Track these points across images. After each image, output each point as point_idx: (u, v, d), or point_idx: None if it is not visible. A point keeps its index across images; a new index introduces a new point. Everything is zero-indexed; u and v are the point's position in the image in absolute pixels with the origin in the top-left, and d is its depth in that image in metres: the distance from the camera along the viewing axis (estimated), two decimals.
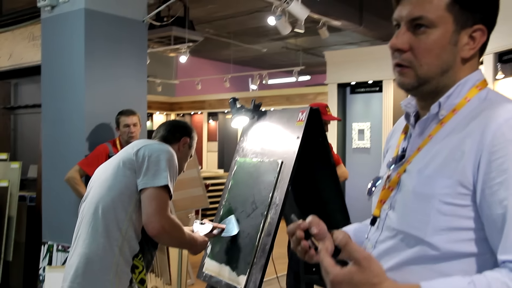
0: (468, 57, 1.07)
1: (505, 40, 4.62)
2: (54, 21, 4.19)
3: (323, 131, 2.55)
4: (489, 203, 0.96)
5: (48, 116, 4.27)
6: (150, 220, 1.99)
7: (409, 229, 1.04)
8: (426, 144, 1.08)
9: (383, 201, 1.13)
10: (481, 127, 0.99)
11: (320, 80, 11.32)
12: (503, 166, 0.94)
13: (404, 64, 1.07)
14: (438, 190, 1.00)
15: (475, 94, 1.07)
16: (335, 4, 6.46)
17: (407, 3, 1.07)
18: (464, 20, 1.05)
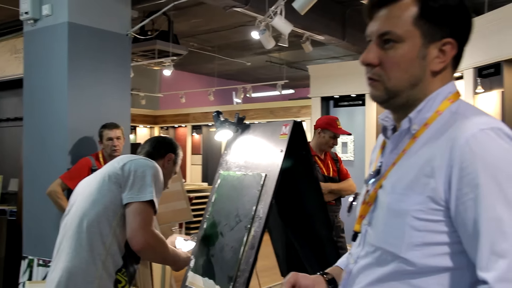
0: (438, 70, 1.09)
1: (484, 55, 4.72)
2: (37, 34, 4.17)
3: (306, 145, 2.57)
4: (463, 219, 0.96)
5: (30, 129, 4.23)
6: (134, 234, 1.98)
7: (386, 245, 1.05)
8: (400, 159, 1.09)
9: (362, 216, 1.15)
10: (449, 142, 0.99)
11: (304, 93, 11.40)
12: (475, 181, 0.94)
13: (374, 77, 1.10)
14: (410, 206, 1.01)
15: (446, 107, 1.08)
16: (318, 19, 6.53)
17: (377, 19, 1.10)
18: (432, 34, 1.06)
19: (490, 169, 0.94)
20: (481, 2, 6.44)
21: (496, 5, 5.23)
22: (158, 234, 2.05)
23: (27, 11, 4.11)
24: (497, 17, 4.63)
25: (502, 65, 4.51)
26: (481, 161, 0.95)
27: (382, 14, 1.09)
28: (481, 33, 4.80)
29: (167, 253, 2.14)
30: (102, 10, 4.21)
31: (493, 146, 0.96)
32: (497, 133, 0.97)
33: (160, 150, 2.37)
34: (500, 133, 0.98)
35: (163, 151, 2.37)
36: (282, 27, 4.53)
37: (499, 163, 0.95)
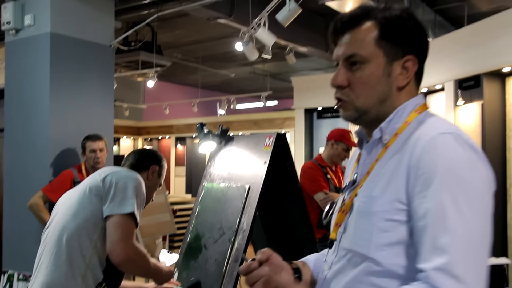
0: (403, 85, 1.16)
1: (465, 68, 4.79)
2: (19, 44, 4.14)
3: (290, 156, 2.58)
4: (415, 215, 1.02)
5: (11, 141, 4.18)
6: (114, 248, 1.94)
7: (355, 247, 1.10)
8: (373, 167, 1.15)
9: (338, 224, 1.19)
10: (411, 145, 1.07)
11: (288, 105, 11.45)
12: (427, 181, 1.01)
13: (343, 98, 1.16)
14: (378, 208, 1.07)
15: (414, 117, 1.14)
16: (302, 31, 6.59)
17: (342, 44, 1.17)
18: (393, 53, 1.14)
19: (443, 170, 1.00)
20: (461, 16, 6.57)
21: (475, 19, 5.33)
22: (139, 247, 2.03)
23: (9, 21, 4.08)
24: (477, 31, 4.71)
25: (482, 78, 4.59)
26: (436, 162, 1.01)
27: (346, 38, 1.16)
28: (461, 46, 4.88)
29: (148, 266, 2.10)
30: (85, 20, 4.19)
31: (449, 149, 1.02)
32: (455, 138, 1.04)
33: (144, 162, 2.34)
34: (458, 138, 1.04)
35: (147, 163, 2.34)
36: (266, 38, 4.55)
37: (452, 165, 1.01)
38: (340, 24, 1.17)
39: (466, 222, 0.98)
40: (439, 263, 0.96)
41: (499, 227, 4.45)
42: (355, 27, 1.15)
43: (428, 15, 6.35)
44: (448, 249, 0.96)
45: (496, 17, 4.51)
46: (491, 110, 4.56)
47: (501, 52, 4.35)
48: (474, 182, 1.02)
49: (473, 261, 0.97)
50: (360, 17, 1.15)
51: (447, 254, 0.96)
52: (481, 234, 1.00)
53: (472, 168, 1.03)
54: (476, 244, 0.99)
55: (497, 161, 4.52)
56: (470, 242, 0.98)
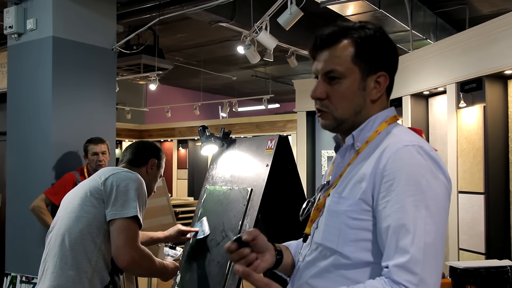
0: (376, 98, 1.28)
1: (466, 71, 4.79)
2: (21, 48, 4.15)
3: (292, 159, 2.58)
4: (379, 218, 1.15)
5: (13, 144, 4.19)
6: (120, 252, 1.94)
7: (326, 242, 1.24)
8: (345, 171, 1.27)
9: (313, 221, 1.33)
10: (378, 154, 1.19)
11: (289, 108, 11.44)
12: (391, 187, 1.13)
13: (323, 109, 1.28)
14: (346, 207, 1.20)
15: (384, 128, 1.27)
16: (303, 33, 6.60)
17: (321, 59, 1.27)
18: (368, 69, 1.25)
19: (405, 178, 1.13)
20: (463, 19, 6.57)
21: (477, 22, 5.33)
22: (144, 249, 2.03)
23: (11, 25, 4.10)
24: (478, 33, 4.71)
25: (484, 80, 4.58)
26: (399, 171, 1.14)
27: (325, 55, 1.26)
28: (463, 49, 4.88)
29: (155, 267, 2.10)
30: (87, 24, 4.21)
31: (412, 160, 1.15)
32: (417, 150, 1.16)
33: (141, 156, 2.30)
34: (420, 150, 1.16)
35: (145, 157, 2.30)
36: (267, 42, 4.56)
37: (414, 173, 1.13)
38: (320, 41, 1.27)
39: (425, 225, 1.10)
40: (400, 261, 1.08)
41: (501, 229, 4.44)
42: (333, 44, 1.25)
43: (429, 18, 6.35)
44: (409, 249, 1.08)
45: (498, 20, 4.51)
46: (493, 113, 4.55)
47: (503, 55, 4.35)
48: (433, 189, 1.13)
49: (430, 260, 1.09)
50: (338, 35, 1.25)
51: (408, 254, 1.07)
52: (438, 236, 1.12)
53: (432, 176, 1.14)
54: (433, 245, 1.10)
55: (499, 163, 4.51)
56: (428, 243, 1.09)
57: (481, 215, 4.43)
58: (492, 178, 4.48)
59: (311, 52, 1.30)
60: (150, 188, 2.29)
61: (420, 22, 6.03)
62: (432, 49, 5.37)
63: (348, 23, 1.29)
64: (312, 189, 7.82)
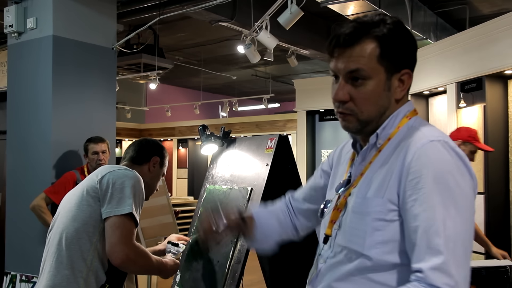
0: (400, 98, 1.24)
1: (467, 70, 4.80)
2: (21, 47, 4.15)
3: (292, 159, 2.58)
4: (407, 217, 1.11)
5: (13, 143, 4.19)
6: (114, 249, 1.93)
7: (351, 244, 1.19)
8: (367, 169, 1.23)
9: (333, 221, 1.27)
10: (403, 151, 1.15)
11: (290, 107, 11.45)
12: (418, 185, 1.09)
13: (346, 112, 1.23)
14: (372, 208, 1.16)
15: (405, 123, 1.23)
16: (304, 33, 6.60)
17: (343, 58, 1.21)
18: (392, 68, 1.20)
19: (432, 175, 1.09)
20: (463, 19, 6.57)
21: (477, 21, 5.33)
22: (139, 247, 2.01)
23: (12, 24, 4.10)
24: (479, 33, 4.71)
25: (484, 80, 4.58)
26: (426, 168, 1.10)
27: (347, 54, 1.20)
28: (463, 48, 4.88)
29: (151, 264, 2.08)
30: (87, 23, 4.21)
31: (438, 156, 1.11)
32: (443, 145, 1.13)
33: (144, 154, 2.27)
34: (446, 145, 1.13)
35: (147, 155, 2.27)
36: (267, 41, 4.56)
37: (440, 171, 1.09)
38: (343, 40, 1.20)
39: (455, 225, 1.07)
40: (435, 263, 1.04)
41: (501, 228, 4.44)
42: (355, 43, 1.19)
43: (430, 17, 6.35)
44: (442, 250, 1.04)
45: (498, 20, 4.51)
46: (493, 113, 4.56)
47: (503, 55, 4.35)
48: (460, 186, 1.10)
49: (462, 260, 1.06)
50: (360, 33, 1.19)
51: (441, 255, 1.04)
52: (468, 234, 1.09)
53: (458, 173, 1.11)
54: (464, 244, 1.07)
55: (499, 163, 4.52)
56: (459, 243, 1.06)
57: (480, 215, 4.43)
58: (492, 178, 4.48)
59: (330, 50, 1.24)
60: (153, 186, 2.28)
61: (420, 22, 6.03)
62: (432, 49, 5.38)
63: (366, 17, 1.22)
64: None
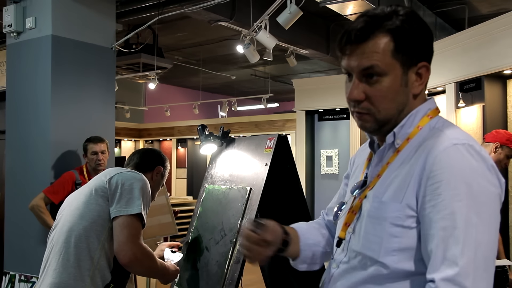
0: (418, 92, 1.17)
1: (466, 70, 4.80)
2: (20, 47, 4.15)
3: (291, 158, 2.58)
4: (424, 224, 1.04)
5: (12, 143, 4.18)
6: (122, 248, 1.95)
7: (366, 250, 1.13)
8: (384, 171, 1.16)
9: (348, 224, 1.22)
10: (424, 154, 1.08)
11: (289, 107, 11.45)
12: (438, 190, 1.03)
13: (362, 111, 1.15)
14: (389, 213, 1.09)
15: (426, 122, 1.15)
16: (303, 33, 6.60)
17: (355, 55, 1.13)
18: (408, 62, 1.13)
19: (454, 181, 1.02)
20: (462, 18, 6.57)
21: (476, 21, 5.34)
22: (146, 247, 2.04)
23: (10, 23, 4.09)
24: (478, 33, 4.71)
25: (483, 80, 4.59)
26: (447, 173, 1.03)
27: (360, 50, 1.12)
28: (462, 48, 4.88)
29: (156, 266, 2.11)
30: (86, 23, 4.20)
31: (461, 161, 1.04)
32: (467, 149, 1.05)
33: (149, 162, 2.35)
34: (470, 149, 1.05)
35: (152, 164, 2.35)
36: (267, 41, 4.56)
37: (463, 177, 1.02)
38: (354, 36, 1.12)
39: (476, 234, 0.99)
40: (448, 274, 0.98)
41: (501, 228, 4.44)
42: (368, 38, 1.12)
43: (429, 17, 6.35)
44: (458, 260, 0.98)
45: (497, 20, 4.52)
46: (492, 113, 4.56)
47: (502, 55, 4.35)
48: (485, 193, 1.02)
49: (481, 272, 0.99)
50: (372, 28, 1.12)
51: (456, 266, 0.98)
52: (489, 245, 1.01)
53: (483, 179, 1.03)
54: (484, 256, 1.00)
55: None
56: (479, 254, 0.99)
57: None
58: None
59: (341, 47, 1.15)
60: (153, 195, 2.31)
61: None
62: None
63: (377, 9, 1.15)
64: (311, 188, 7.83)
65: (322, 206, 7.73)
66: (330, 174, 7.65)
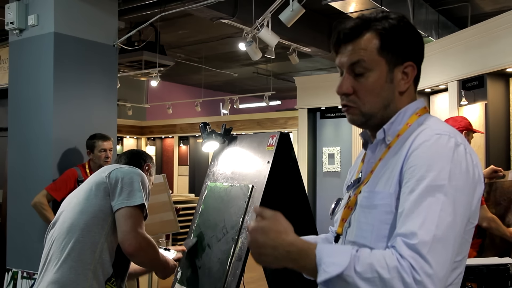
0: (404, 90, 1.24)
1: (468, 68, 4.79)
2: (23, 44, 4.15)
3: (293, 156, 2.58)
4: (400, 201, 1.11)
5: (15, 140, 4.19)
6: (127, 237, 1.98)
7: (359, 239, 1.18)
8: (376, 166, 1.23)
9: (344, 220, 1.28)
10: (408, 145, 1.15)
11: (291, 105, 11.45)
12: (414, 172, 1.09)
13: (350, 104, 1.24)
14: (379, 201, 1.16)
15: (415, 120, 1.23)
16: (305, 31, 6.59)
17: (345, 53, 1.24)
18: (394, 60, 1.22)
19: (428, 163, 1.08)
20: (465, 16, 6.56)
21: (479, 19, 5.32)
22: (149, 237, 2.06)
23: (13, 21, 4.10)
24: (480, 31, 4.70)
25: (486, 78, 4.58)
26: (425, 157, 1.10)
27: (349, 48, 1.23)
28: (464, 46, 4.88)
29: (158, 257, 2.15)
30: (88, 20, 4.20)
31: (440, 148, 1.10)
32: (448, 139, 1.12)
33: (138, 161, 2.41)
34: (451, 139, 1.12)
35: (141, 162, 2.41)
36: (269, 39, 4.56)
37: (438, 160, 1.08)
38: (343, 35, 1.24)
39: (440, 212, 1.04)
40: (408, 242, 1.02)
41: None
42: (357, 37, 1.22)
43: (431, 15, 6.34)
44: (418, 231, 1.02)
45: (500, 18, 4.51)
46: (495, 110, 4.55)
47: (505, 53, 4.34)
48: (458, 179, 1.08)
49: (440, 248, 1.02)
50: (361, 28, 1.22)
51: (416, 235, 1.02)
52: (453, 226, 1.05)
53: (459, 167, 1.09)
54: (445, 234, 1.04)
55: (501, 161, 4.51)
56: (439, 230, 1.03)
57: None
58: None
59: (334, 47, 1.27)
60: None
61: (422, 19, 6.02)
62: (434, 47, 5.37)
63: (370, 14, 1.25)
64: (313, 186, 7.83)
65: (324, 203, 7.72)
66: (332, 172, 7.65)
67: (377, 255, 1.04)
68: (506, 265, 2.54)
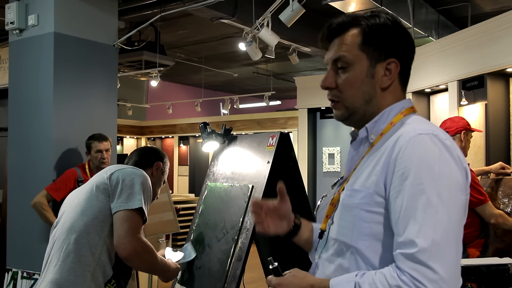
0: (386, 86, 1.25)
1: (468, 68, 4.79)
2: (23, 44, 4.15)
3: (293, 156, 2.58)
4: (391, 209, 1.12)
5: (15, 140, 4.19)
6: (122, 241, 1.96)
7: (340, 236, 1.21)
8: (359, 164, 1.25)
9: (328, 216, 1.31)
10: (391, 144, 1.16)
11: (291, 105, 11.45)
12: (403, 176, 1.10)
13: (334, 99, 1.27)
14: (359, 200, 1.17)
15: (399, 119, 1.23)
16: (305, 31, 6.58)
17: (331, 49, 1.28)
18: (376, 56, 1.23)
19: (416, 166, 1.09)
20: (465, 16, 6.55)
21: (479, 19, 5.32)
22: (146, 242, 2.04)
23: (13, 21, 4.10)
24: (480, 31, 4.70)
25: (486, 78, 4.57)
26: (411, 159, 1.10)
27: (334, 44, 1.27)
28: (465, 46, 4.87)
29: (156, 262, 2.11)
30: (88, 20, 4.20)
31: (424, 148, 1.11)
32: (431, 138, 1.12)
33: (148, 159, 2.37)
34: (435, 138, 1.12)
35: (151, 160, 2.38)
36: (269, 39, 4.56)
37: (425, 162, 1.09)
38: (328, 32, 1.27)
39: (435, 214, 1.05)
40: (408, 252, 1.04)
41: None
42: (342, 33, 1.25)
43: (431, 15, 6.34)
44: (416, 239, 1.04)
45: (500, 18, 4.50)
46: (495, 110, 4.55)
47: (505, 52, 4.34)
48: (446, 178, 1.09)
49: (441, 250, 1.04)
50: (347, 25, 1.25)
51: (415, 244, 1.04)
52: (450, 226, 1.07)
53: (445, 165, 1.10)
54: (444, 235, 1.05)
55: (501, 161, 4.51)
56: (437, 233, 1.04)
57: None
58: None
59: (323, 43, 1.30)
60: (154, 192, 2.32)
61: (422, 19, 6.02)
62: (434, 47, 5.36)
63: (360, 13, 1.28)
64: (313, 186, 7.83)
65: None
66: (332, 172, 7.65)
67: (379, 276, 1.07)
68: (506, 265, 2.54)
